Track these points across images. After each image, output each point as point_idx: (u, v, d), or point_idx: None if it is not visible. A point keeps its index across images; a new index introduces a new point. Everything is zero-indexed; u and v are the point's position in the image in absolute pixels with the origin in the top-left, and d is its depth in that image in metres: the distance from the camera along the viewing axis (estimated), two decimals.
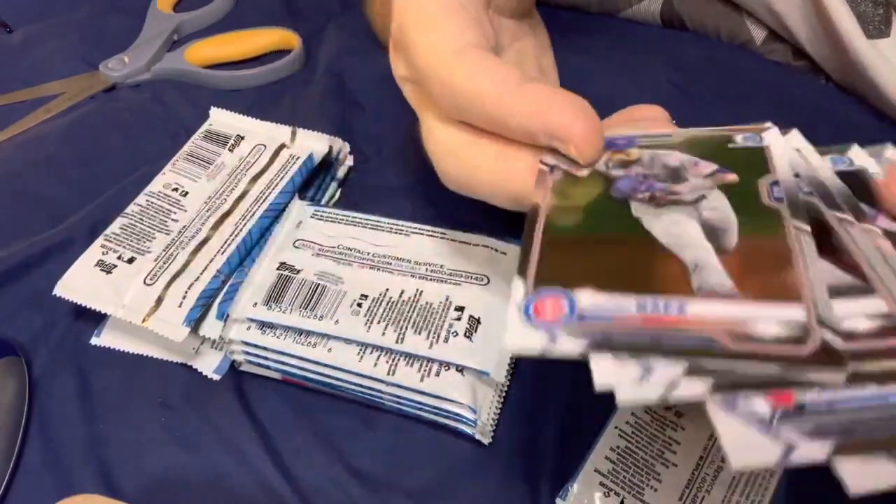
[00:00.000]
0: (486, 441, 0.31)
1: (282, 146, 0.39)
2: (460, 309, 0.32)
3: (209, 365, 0.33)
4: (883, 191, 0.22)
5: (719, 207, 0.21)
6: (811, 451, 0.16)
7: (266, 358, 0.32)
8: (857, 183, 0.22)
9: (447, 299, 0.32)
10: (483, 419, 0.30)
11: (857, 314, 0.18)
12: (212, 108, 0.41)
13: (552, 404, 0.32)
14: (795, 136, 0.24)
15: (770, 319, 0.17)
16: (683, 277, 0.19)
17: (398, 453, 0.31)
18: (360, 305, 0.32)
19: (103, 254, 0.35)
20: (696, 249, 0.20)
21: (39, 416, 0.33)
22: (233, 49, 0.49)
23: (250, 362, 0.33)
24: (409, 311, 0.32)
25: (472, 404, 0.30)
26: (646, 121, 0.28)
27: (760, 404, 0.16)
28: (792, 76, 0.46)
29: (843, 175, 0.23)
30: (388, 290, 0.33)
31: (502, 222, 0.34)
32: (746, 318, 0.18)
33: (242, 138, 0.40)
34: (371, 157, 0.42)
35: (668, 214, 0.21)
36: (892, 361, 0.17)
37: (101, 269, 0.34)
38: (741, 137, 0.24)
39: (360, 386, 0.31)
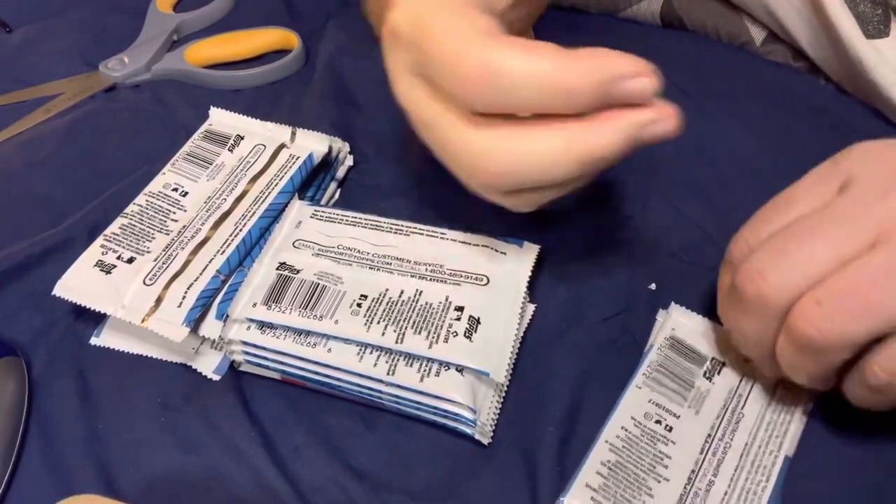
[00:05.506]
0: (486, 441, 0.31)
1: (281, 146, 0.39)
2: (460, 309, 0.32)
3: (209, 365, 0.33)
4: None
5: None
6: None
7: (266, 358, 0.32)
8: None
9: (447, 299, 0.32)
10: (483, 419, 0.30)
11: None
12: (212, 108, 0.41)
13: (552, 404, 0.32)
14: None
15: None
16: None
17: (398, 453, 0.31)
18: (359, 305, 0.32)
19: (103, 254, 0.35)
20: None
21: (39, 416, 0.33)
22: (233, 49, 0.49)
23: (250, 362, 0.33)
24: (408, 311, 0.32)
25: (472, 404, 0.30)
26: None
27: None
28: (792, 76, 0.46)
29: None
30: (387, 290, 0.33)
31: (502, 222, 0.34)
32: None
33: (242, 138, 0.40)
34: (371, 157, 0.42)
35: None
36: None
37: (101, 270, 0.34)
38: None
39: (360, 386, 0.31)
